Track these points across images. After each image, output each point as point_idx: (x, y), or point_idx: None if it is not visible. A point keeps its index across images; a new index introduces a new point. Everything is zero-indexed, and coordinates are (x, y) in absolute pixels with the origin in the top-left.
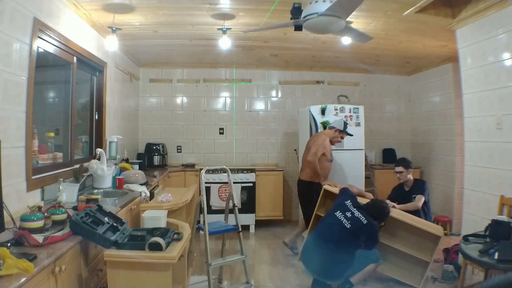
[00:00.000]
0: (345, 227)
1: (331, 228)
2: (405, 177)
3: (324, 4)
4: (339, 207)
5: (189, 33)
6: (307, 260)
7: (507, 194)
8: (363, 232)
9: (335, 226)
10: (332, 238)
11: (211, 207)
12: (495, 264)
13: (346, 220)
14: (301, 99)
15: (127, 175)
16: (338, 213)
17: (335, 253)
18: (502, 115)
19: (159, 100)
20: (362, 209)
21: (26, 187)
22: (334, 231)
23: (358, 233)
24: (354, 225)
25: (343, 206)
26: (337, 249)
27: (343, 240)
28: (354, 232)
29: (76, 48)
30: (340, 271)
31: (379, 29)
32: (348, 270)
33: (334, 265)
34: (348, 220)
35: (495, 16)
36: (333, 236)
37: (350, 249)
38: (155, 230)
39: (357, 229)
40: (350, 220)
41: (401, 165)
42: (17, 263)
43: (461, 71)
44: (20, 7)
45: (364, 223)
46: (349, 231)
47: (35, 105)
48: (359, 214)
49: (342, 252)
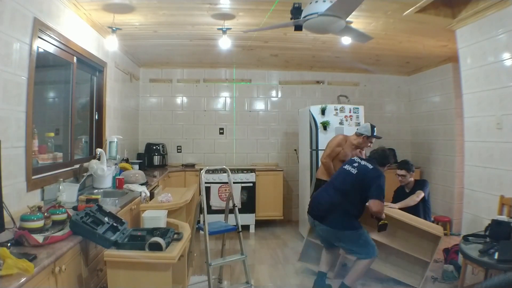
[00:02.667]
0: (352, 173)
1: (339, 177)
2: (407, 180)
3: (324, 4)
4: (346, 163)
5: (189, 33)
6: (313, 207)
7: (507, 194)
8: (370, 179)
9: (343, 174)
10: (340, 186)
11: (211, 207)
12: (495, 264)
13: (353, 168)
14: (301, 99)
15: (127, 175)
16: (346, 166)
17: (341, 202)
18: (502, 115)
19: (159, 100)
20: (367, 160)
21: (26, 187)
22: (342, 179)
23: (364, 180)
24: (361, 171)
25: (351, 161)
26: (344, 198)
27: (350, 189)
28: (361, 179)
29: (76, 48)
30: (342, 223)
31: (379, 29)
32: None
33: (338, 214)
34: (355, 168)
35: (495, 16)
36: (341, 185)
37: (356, 199)
38: (155, 230)
39: (364, 176)
40: (357, 168)
41: (404, 168)
42: (17, 263)
43: (461, 71)
44: (20, 7)
45: (370, 167)
46: (355, 178)
47: (35, 105)
48: (365, 162)
49: (348, 202)
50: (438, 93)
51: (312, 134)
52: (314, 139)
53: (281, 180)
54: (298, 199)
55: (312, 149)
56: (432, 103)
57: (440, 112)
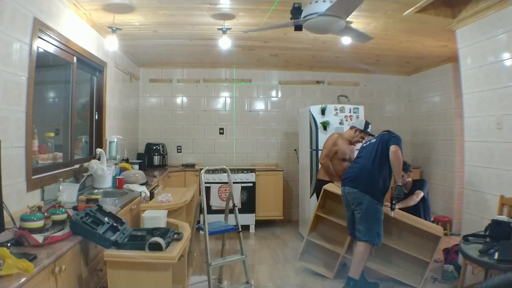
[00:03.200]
0: (372, 143)
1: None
2: (405, 181)
3: (324, 4)
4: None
5: (189, 33)
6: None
7: (507, 194)
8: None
9: (366, 149)
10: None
11: (211, 207)
12: (495, 264)
13: (371, 141)
14: (301, 99)
15: (127, 175)
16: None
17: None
18: (502, 115)
19: (159, 100)
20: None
21: (26, 187)
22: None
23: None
24: (378, 138)
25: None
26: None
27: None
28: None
29: (76, 48)
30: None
31: (379, 29)
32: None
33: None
34: (373, 139)
35: (495, 16)
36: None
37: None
38: (155, 230)
39: (382, 138)
40: (375, 138)
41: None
42: (17, 263)
43: (461, 71)
44: (20, 7)
45: (386, 133)
46: (376, 144)
47: (35, 105)
48: (380, 133)
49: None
50: (438, 93)
51: (312, 134)
52: (314, 139)
53: (281, 180)
54: (298, 199)
55: (312, 149)
56: (432, 103)
57: (440, 112)
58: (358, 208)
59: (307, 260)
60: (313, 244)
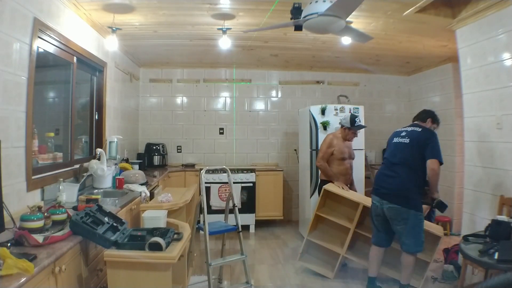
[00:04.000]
0: (405, 143)
1: (394, 151)
2: None
3: (324, 4)
4: (394, 136)
5: (189, 33)
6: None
7: (507, 194)
8: (423, 141)
9: (398, 148)
10: (401, 159)
11: (211, 207)
12: (495, 264)
13: (404, 138)
14: (301, 99)
15: (127, 175)
16: (395, 139)
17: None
18: (502, 115)
19: (159, 100)
20: (412, 125)
21: (26, 187)
22: (399, 151)
23: (419, 144)
24: (412, 137)
25: (397, 133)
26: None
27: (410, 158)
28: (416, 145)
29: (76, 48)
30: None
31: (379, 29)
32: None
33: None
34: (405, 138)
35: (495, 16)
36: (401, 158)
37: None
38: (155, 230)
39: (417, 141)
40: (406, 136)
41: None
42: (17, 263)
43: (461, 71)
44: (20, 7)
45: (419, 130)
46: (410, 146)
47: (35, 105)
48: (412, 128)
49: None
50: (438, 93)
51: (312, 134)
52: (314, 139)
53: (281, 180)
54: (298, 199)
55: (312, 149)
56: (432, 103)
57: (440, 112)
58: (401, 223)
59: (307, 260)
60: (313, 244)
